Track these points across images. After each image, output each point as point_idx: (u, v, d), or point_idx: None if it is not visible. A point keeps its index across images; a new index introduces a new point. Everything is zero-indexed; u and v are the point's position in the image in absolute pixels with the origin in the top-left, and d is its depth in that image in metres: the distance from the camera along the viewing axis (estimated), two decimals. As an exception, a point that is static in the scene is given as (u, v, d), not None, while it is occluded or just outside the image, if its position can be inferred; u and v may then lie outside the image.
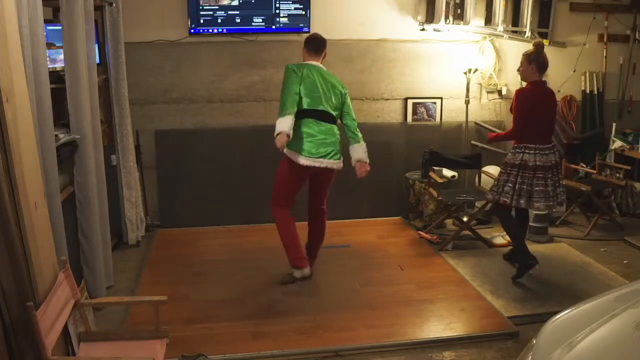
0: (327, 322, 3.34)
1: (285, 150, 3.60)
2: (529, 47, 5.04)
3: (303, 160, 3.58)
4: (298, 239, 3.78)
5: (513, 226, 3.98)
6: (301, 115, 3.60)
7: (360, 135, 3.80)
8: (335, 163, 3.66)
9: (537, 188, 3.72)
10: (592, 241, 4.72)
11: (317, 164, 3.59)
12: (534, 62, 3.72)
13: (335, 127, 3.71)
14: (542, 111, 3.75)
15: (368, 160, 3.76)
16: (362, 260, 4.28)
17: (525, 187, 3.73)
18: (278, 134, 3.44)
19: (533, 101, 3.71)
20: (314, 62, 3.72)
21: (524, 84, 3.89)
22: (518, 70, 3.87)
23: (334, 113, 3.71)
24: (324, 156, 3.61)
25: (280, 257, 4.33)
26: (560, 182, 3.82)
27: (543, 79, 3.80)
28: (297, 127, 3.58)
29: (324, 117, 3.64)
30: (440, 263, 4.25)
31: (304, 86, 3.59)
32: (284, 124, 3.47)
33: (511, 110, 3.89)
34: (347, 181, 5.00)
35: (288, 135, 3.46)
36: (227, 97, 4.96)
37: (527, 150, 3.74)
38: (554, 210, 4.38)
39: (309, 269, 3.81)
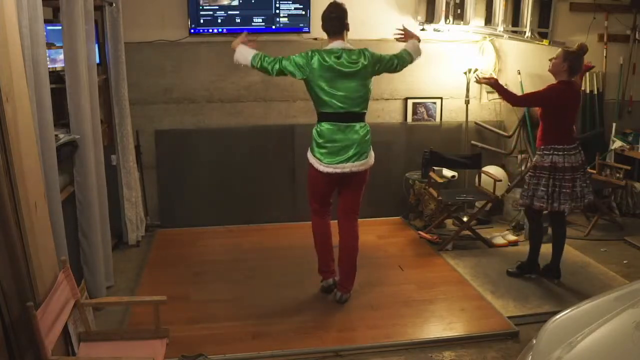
0: (327, 322, 3.35)
1: (308, 155, 3.48)
2: (529, 47, 5.09)
3: (323, 168, 3.39)
4: (326, 251, 3.66)
5: (539, 235, 3.93)
6: (321, 118, 3.41)
7: (404, 54, 3.69)
8: (360, 165, 3.41)
9: (564, 190, 3.67)
10: (592, 241, 4.72)
11: (338, 170, 3.38)
12: (567, 61, 3.58)
13: (358, 126, 3.42)
14: (568, 111, 3.69)
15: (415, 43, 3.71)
16: (362, 260, 4.25)
17: (556, 189, 3.67)
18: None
19: (560, 97, 3.62)
20: (336, 45, 3.43)
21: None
22: (550, 59, 3.72)
23: (361, 109, 3.44)
24: (346, 160, 3.37)
25: (280, 257, 4.35)
26: (587, 181, 3.77)
27: (572, 80, 3.68)
28: (316, 131, 3.43)
29: (345, 117, 3.39)
30: (440, 263, 4.25)
31: (320, 85, 3.33)
32: (243, 56, 3.58)
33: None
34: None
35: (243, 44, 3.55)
36: (227, 97, 4.96)
37: (555, 152, 3.65)
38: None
39: (332, 280, 3.68)
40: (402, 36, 3.81)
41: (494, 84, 3.88)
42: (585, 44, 3.72)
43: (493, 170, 4.96)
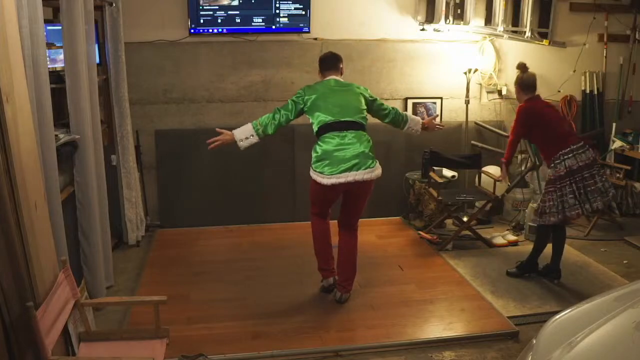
0: (327, 322, 3.35)
1: (311, 172, 3.45)
2: (529, 47, 5.10)
3: (326, 180, 3.34)
4: (326, 251, 3.67)
5: (546, 239, 3.91)
6: (321, 132, 3.42)
7: (404, 113, 3.79)
8: (365, 173, 3.35)
9: (589, 188, 3.66)
10: (592, 241, 4.72)
11: (342, 180, 3.32)
12: (517, 84, 3.85)
13: (360, 134, 3.42)
14: (552, 117, 3.80)
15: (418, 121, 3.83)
16: (362, 260, 4.26)
17: (582, 191, 3.66)
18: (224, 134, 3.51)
19: (535, 114, 3.78)
20: (329, 77, 3.56)
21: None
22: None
23: (357, 119, 3.44)
24: (350, 169, 3.32)
25: (280, 257, 4.35)
26: (604, 176, 3.78)
27: (536, 94, 3.85)
28: (317, 146, 3.42)
29: (345, 126, 3.39)
30: (440, 263, 4.25)
31: (316, 104, 3.42)
32: (244, 133, 3.49)
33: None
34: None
35: (226, 143, 3.51)
36: (227, 97, 4.96)
37: (566, 157, 3.66)
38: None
39: (332, 279, 3.68)
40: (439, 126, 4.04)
41: (508, 161, 4.07)
42: (522, 62, 3.93)
43: (493, 170, 4.96)
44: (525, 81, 3.84)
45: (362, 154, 3.37)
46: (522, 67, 3.91)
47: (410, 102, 5.22)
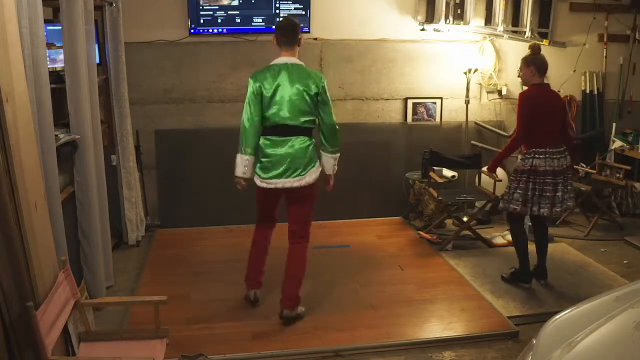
0: (327, 322, 3.34)
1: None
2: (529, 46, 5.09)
3: (258, 182, 3.29)
4: (257, 262, 3.52)
5: (522, 240, 3.84)
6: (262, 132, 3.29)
7: (332, 142, 3.31)
8: (295, 181, 3.22)
9: (545, 194, 3.63)
10: (592, 241, 4.72)
11: (271, 186, 3.25)
12: (532, 64, 3.64)
13: (299, 140, 3.23)
14: (547, 113, 3.64)
15: (332, 173, 3.38)
16: (362, 260, 4.28)
17: (536, 193, 3.64)
18: (235, 177, 3.31)
19: (535, 103, 3.63)
20: (283, 60, 3.24)
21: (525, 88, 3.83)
22: (518, 75, 3.81)
23: (300, 122, 3.21)
24: (279, 175, 3.22)
25: (280, 257, 4.33)
26: (569, 187, 3.71)
27: (545, 82, 3.72)
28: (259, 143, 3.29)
29: (283, 131, 3.22)
30: (440, 263, 4.25)
31: (261, 98, 3.20)
32: (239, 166, 3.28)
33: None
34: (346, 181, 5.01)
35: (245, 180, 3.30)
36: (227, 97, 4.96)
37: (536, 155, 3.61)
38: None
39: (253, 292, 3.52)
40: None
41: (498, 162, 3.97)
42: (537, 42, 3.74)
43: (493, 170, 4.97)
44: (542, 62, 3.65)
45: (295, 160, 3.22)
46: (537, 48, 3.70)
47: (410, 102, 5.22)
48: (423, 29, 5.04)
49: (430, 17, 5.00)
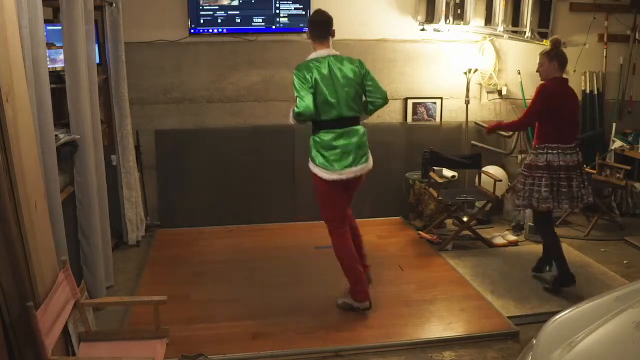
0: (327, 322, 3.34)
1: (311, 165, 3.37)
2: (529, 47, 5.09)
3: (328, 176, 3.28)
4: (360, 271, 3.43)
5: (556, 241, 3.77)
6: (318, 126, 3.33)
7: (380, 104, 3.39)
8: (364, 168, 3.36)
9: (562, 189, 3.61)
10: (592, 241, 4.72)
11: (344, 176, 3.29)
12: (555, 59, 3.58)
13: (357, 129, 3.35)
14: (563, 109, 3.60)
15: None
16: (362, 260, 4.27)
17: (554, 188, 3.61)
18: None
19: (554, 98, 3.58)
20: (324, 52, 3.31)
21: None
22: (537, 70, 3.71)
23: (355, 112, 3.34)
24: (350, 165, 3.30)
25: (280, 257, 4.35)
26: (586, 182, 3.70)
27: (564, 77, 3.68)
28: (316, 139, 3.33)
29: (344, 123, 3.30)
30: (440, 263, 4.25)
31: (316, 93, 3.24)
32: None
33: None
34: (347, 181, 5.01)
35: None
36: (227, 97, 4.96)
37: (549, 151, 3.58)
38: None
39: (369, 303, 3.45)
40: None
41: (494, 128, 3.98)
42: (557, 37, 3.70)
43: (493, 170, 4.97)
44: (564, 57, 3.59)
45: (360, 148, 3.34)
46: (558, 42, 3.64)
47: (410, 102, 5.22)
48: (423, 29, 5.04)
49: (430, 17, 5.00)
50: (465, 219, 4.79)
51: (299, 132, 4.90)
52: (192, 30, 4.72)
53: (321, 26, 3.33)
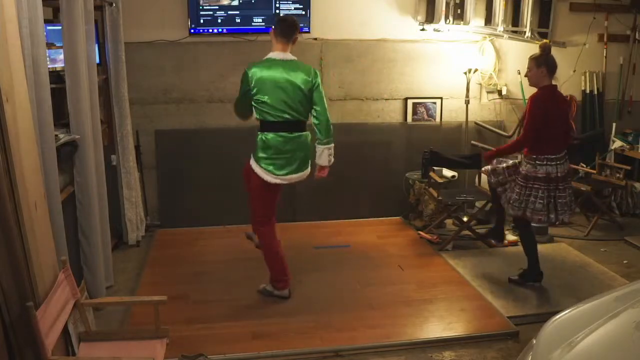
0: (327, 322, 3.34)
1: (253, 164, 3.45)
2: (529, 47, 5.09)
3: (270, 179, 3.41)
4: (282, 259, 3.65)
5: (533, 242, 3.78)
6: (265, 127, 3.38)
7: (327, 133, 3.43)
8: (303, 175, 3.50)
9: (560, 200, 3.58)
10: (592, 241, 4.72)
11: (285, 182, 3.45)
12: (544, 65, 3.50)
13: (303, 136, 3.44)
14: (556, 118, 3.54)
15: (328, 164, 3.51)
16: (362, 260, 4.28)
17: (552, 200, 3.57)
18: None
19: (548, 108, 3.51)
20: (279, 55, 3.36)
21: (525, 87, 3.74)
22: (526, 75, 3.65)
23: (303, 117, 3.41)
24: (292, 172, 3.43)
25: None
26: (571, 190, 3.67)
27: (554, 83, 3.62)
28: (261, 140, 3.39)
29: (290, 127, 3.37)
30: (440, 263, 4.25)
31: (262, 92, 3.30)
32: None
33: (522, 119, 3.65)
34: (347, 181, 5.02)
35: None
36: (227, 97, 4.95)
37: (549, 162, 3.52)
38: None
39: (288, 292, 3.65)
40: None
41: (494, 156, 3.83)
42: (547, 41, 3.65)
43: (493, 170, 4.96)
44: (553, 63, 3.53)
45: (303, 156, 3.45)
46: (548, 47, 3.57)
47: (410, 102, 5.23)
48: (423, 29, 5.04)
49: (430, 17, 5.00)
50: (465, 219, 4.79)
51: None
52: (192, 30, 4.72)
53: (288, 28, 3.38)
